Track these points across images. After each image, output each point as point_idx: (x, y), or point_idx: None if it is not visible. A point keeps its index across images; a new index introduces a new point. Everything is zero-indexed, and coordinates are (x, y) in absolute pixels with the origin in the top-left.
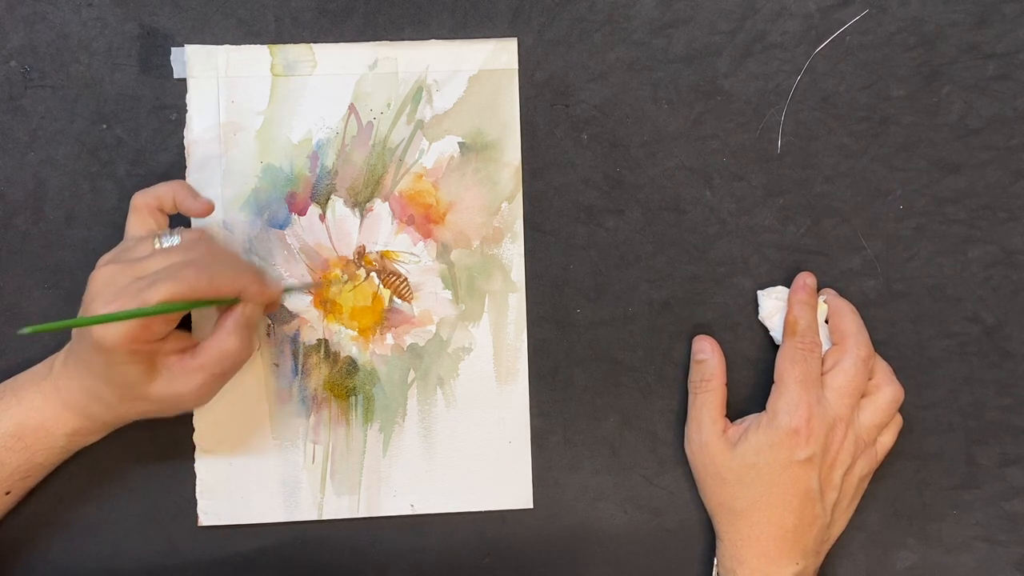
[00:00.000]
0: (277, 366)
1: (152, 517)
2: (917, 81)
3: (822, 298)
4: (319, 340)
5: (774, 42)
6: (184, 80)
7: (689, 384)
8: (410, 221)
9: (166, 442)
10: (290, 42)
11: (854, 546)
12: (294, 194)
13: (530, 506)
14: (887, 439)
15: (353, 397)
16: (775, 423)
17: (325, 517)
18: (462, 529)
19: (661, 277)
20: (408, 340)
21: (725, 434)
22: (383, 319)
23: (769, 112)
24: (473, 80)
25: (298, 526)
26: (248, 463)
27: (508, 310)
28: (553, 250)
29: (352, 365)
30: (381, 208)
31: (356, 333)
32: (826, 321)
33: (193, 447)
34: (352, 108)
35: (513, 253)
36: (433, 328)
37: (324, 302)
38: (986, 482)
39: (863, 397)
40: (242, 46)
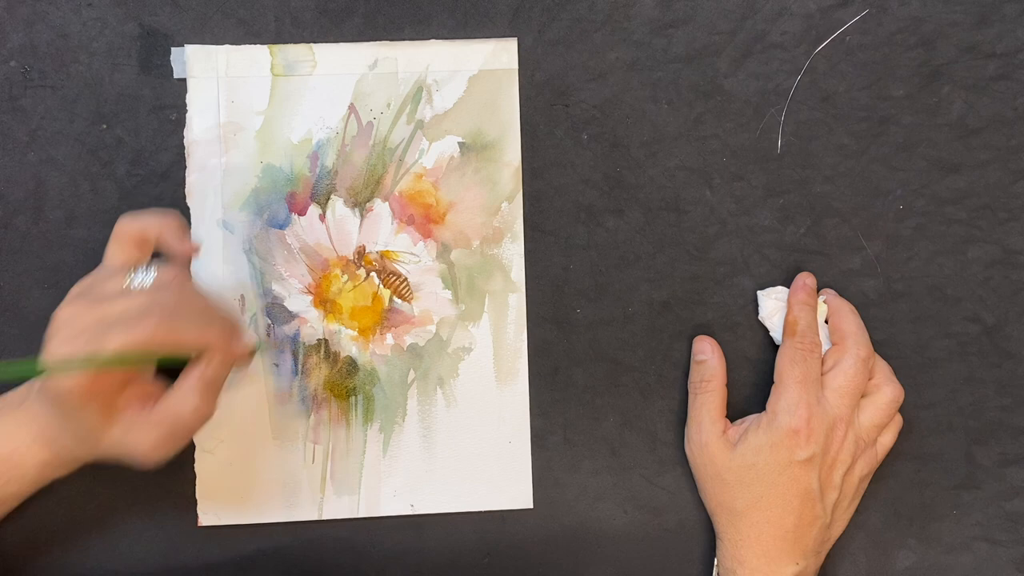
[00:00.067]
0: (277, 366)
1: (152, 517)
2: (917, 81)
3: (822, 298)
4: (319, 340)
5: (774, 42)
6: (184, 80)
7: (689, 384)
8: (410, 221)
9: None
10: (290, 42)
11: (854, 546)
12: (294, 194)
13: (530, 506)
14: (887, 439)
15: (353, 397)
16: (775, 423)
17: (325, 517)
18: (462, 529)
19: (661, 277)
20: (408, 340)
21: (725, 434)
22: (383, 319)
23: (769, 112)
24: (473, 80)
25: (298, 526)
26: (248, 463)
27: (508, 310)
28: (553, 250)
29: (352, 365)
30: (381, 208)
31: (356, 333)
32: (826, 321)
33: (193, 447)
34: (352, 108)
35: (513, 253)
36: (433, 328)
37: (324, 302)
38: (986, 482)
39: (863, 397)
40: (242, 46)
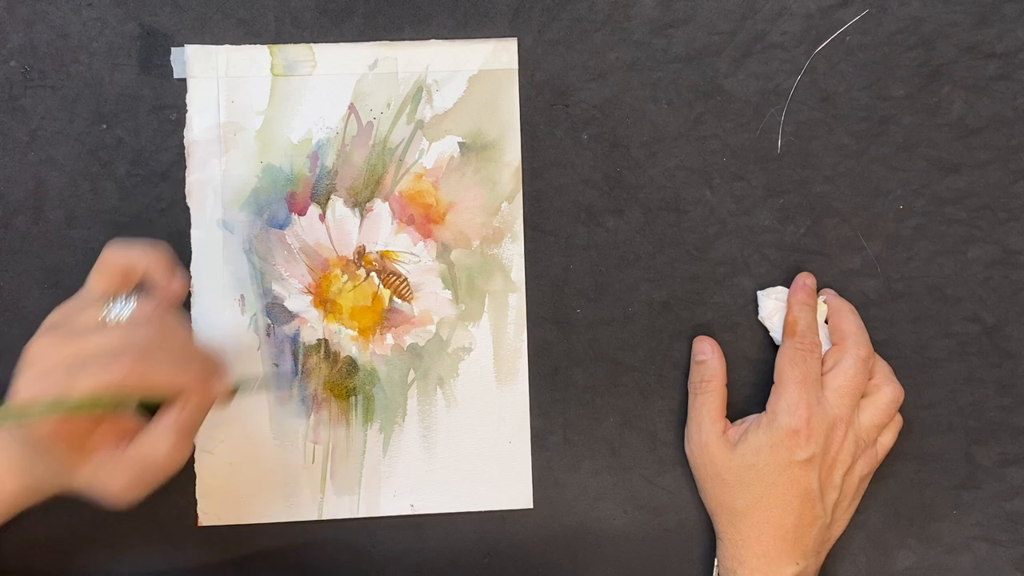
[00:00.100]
0: (277, 366)
1: (152, 517)
2: (917, 81)
3: (822, 298)
4: (319, 340)
5: (774, 42)
6: (184, 80)
7: (689, 385)
8: (410, 221)
9: None
10: (290, 42)
11: (854, 546)
12: (294, 194)
13: (530, 506)
14: (887, 439)
15: (353, 397)
16: (775, 424)
17: (325, 517)
18: (462, 529)
19: (661, 277)
20: (408, 340)
21: (725, 435)
22: (383, 319)
23: (769, 112)
24: (473, 80)
25: (298, 526)
26: (248, 463)
27: (508, 310)
28: (553, 250)
29: (352, 365)
30: (381, 208)
31: (356, 333)
32: (826, 321)
33: (193, 447)
34: (352, 108)
35: (513, 253)
36: (433, 328)
37: (324, 302)
38: (986, 482)
39: (863, 397)
40: (242, 46)
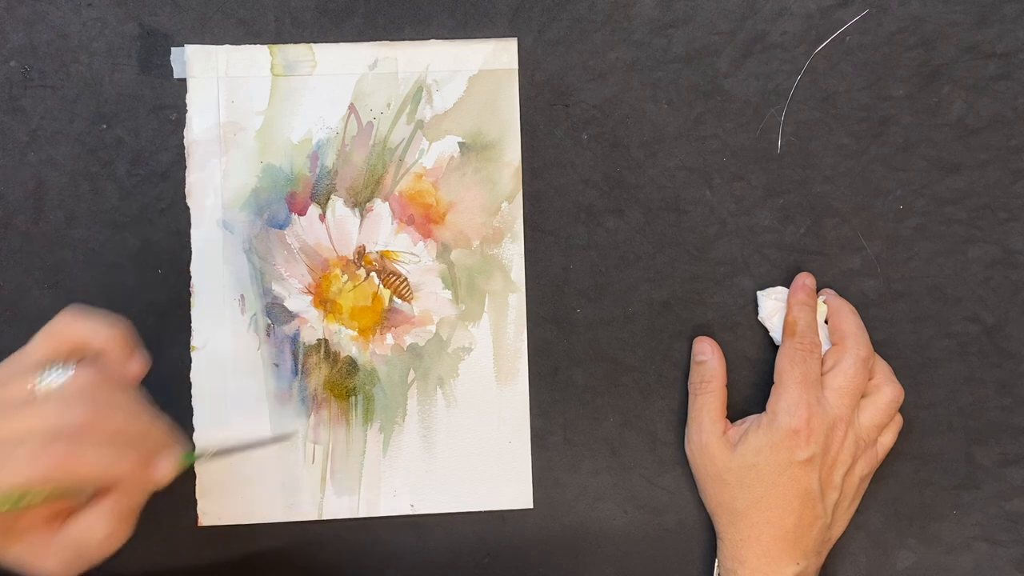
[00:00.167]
0: (277, 366)
1: (152, 517)
2: (917, 81)
3: (821, 298)
4: (319, 340)
5: (774, 42)
6: (184, 80)
7: (689, 385)
8: (410, 221)
9: None
10: (290, 42)
11: (854, 546)
12: (294, 194)
13: (530, 506)
14: (887, 439)
15: (353, 397)
16: (775, 424)
17: (325, 517)
18: (462, 529)
19: (661, 277)
20: (408, 340)
21: (725, 435)
22: (383, 319)
23: (769, 112)
24: (473, 80)
25: (298, 526)
26: (248, 463)
27: (508, 310)
28: (553, 250)
29: (352, 365)
30: (381, 208)
31: (356, 333)
32: (826, 321)
33: (193, 447)
34: (352, 108)
35: (513, 253)
36: (433, 328)
37: (324, 302)
38: (986, 482)
39: (863, 397)
40: (242, 46)
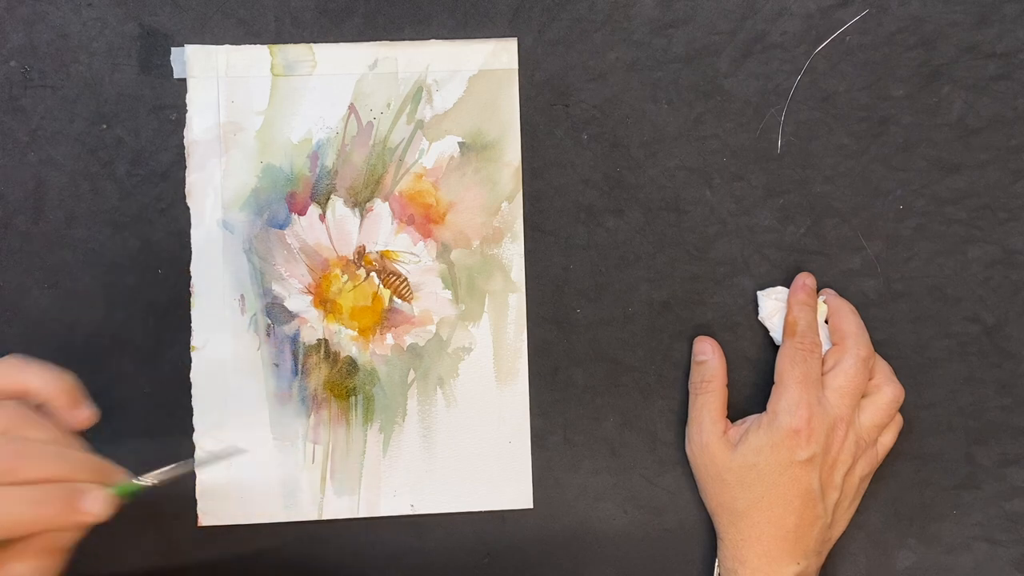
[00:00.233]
0: (277, 366)
1: (152, 517)
2: (917, 81)
3: (822, 298)
4: (319, 340)
5: (774, 42)
6: (184, 80)
7: (690, 385)
8: (410, 221)
9: (165, 442)
10: (290, 42)
11: (854, 546)
12: (294, 194)
13: (530, 506)
14: (888, 439)
15: (353, 397)
16: (775, 424)
17: (325, 517)
18: (462, 529)
19: (661, 277)
20: (408, 340)
21: (726, 435)
22: (383, 319)
23: (769, 112)
24: (473, 80)
25: (298, 526)
26: (248, 463)
27: (508, 310)
28: (553, 250)
29: (352, 365)
30: (381, 208)
31: (356, 333)
32: (826, 321)
33: (193, 447)
34: (352, 108)
35: (513, 253)
36: (433, 328)
37: (324, 302)
38: (986, 482)
39: (863, 397)
40: (242, 46)
